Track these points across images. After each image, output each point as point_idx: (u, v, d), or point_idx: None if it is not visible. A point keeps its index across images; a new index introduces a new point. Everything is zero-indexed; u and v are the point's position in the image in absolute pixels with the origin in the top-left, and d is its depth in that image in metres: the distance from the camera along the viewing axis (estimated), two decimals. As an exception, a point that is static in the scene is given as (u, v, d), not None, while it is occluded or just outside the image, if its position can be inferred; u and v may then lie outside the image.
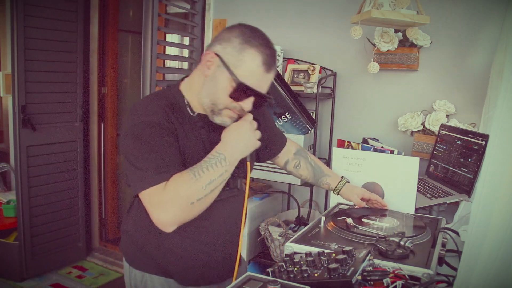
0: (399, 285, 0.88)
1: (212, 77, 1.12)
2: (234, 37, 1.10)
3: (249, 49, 1.08)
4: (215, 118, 1.15)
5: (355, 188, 1.52)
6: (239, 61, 1.08)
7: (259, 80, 1.11)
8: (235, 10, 2.63)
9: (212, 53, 1.11)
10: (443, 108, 2.06)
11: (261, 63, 1.09)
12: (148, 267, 1.24)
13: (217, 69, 1.11)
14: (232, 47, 1.09)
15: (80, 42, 3.08)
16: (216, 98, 1.12)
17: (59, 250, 3.14)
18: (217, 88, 1.11)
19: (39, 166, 2.93)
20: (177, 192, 1.03)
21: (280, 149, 1.49)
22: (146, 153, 1.07)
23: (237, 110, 1.14)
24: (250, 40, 1.09)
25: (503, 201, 0.81)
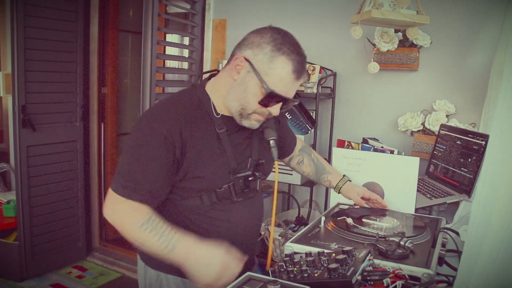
0: (399, 285, 0.88)
1: (241, 82, 1.12)
2: (266, 43, 1.09)
3: (280, 56, 1.08)
4: (243, 121, 1.16)
5: (356, 187, 1.52)
6: (270, 68, 1.08)
7: (289, 87, 1.12)
8: (235, 10, 2.63)
9: (242, 58, 1.11)
10: (443, 108, 2.06)
11: (292, 71, 1.09)
12: (163, 266, 1.22)
13: (247, 74, 1.11)
14: (263, 54, 1.08)
15: (80, 42, 3.08)
16: (245, 103, 1.13)
17: (59, 250, 3.14)
18: (247, 94, 1.11)
19: (39, 166, 2.93)
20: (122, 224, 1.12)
21: (293, 148, 1.52)
22: (132, 159, 1.11)
23: (265, 115, 1.16)
24: (281, 47, 1.08)
25: (503, 201, 0.81)
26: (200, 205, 1.18)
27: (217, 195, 1.17)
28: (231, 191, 1.18)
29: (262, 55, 1.09)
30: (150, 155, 1.10)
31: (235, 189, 1.19)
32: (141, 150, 1.10)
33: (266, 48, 1.08)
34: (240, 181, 1.19)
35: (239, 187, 1.19)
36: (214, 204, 1.19)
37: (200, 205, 1.18)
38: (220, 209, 1.20)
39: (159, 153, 1.09)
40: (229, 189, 1.18)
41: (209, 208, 1.19)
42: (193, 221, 1.20)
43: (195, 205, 1.18)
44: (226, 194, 1.18)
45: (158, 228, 1.08)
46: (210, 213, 1.19)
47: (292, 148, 1.52)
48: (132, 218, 1.10)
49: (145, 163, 1.10)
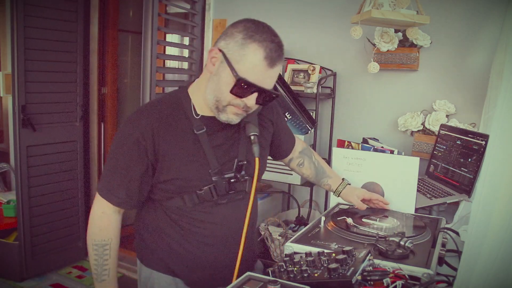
0: (399, 285, 0.88)
1: (216, 73, 1.10)
2: (238, 32, 1.07)
3: (251, 43, 1.05)
4: (220, 115, 1.14)
5: (355, 190, 1.52)
6: (241, 56, 1.06)
7: (262, 76, 1.07)
8: (235, 10, 2.63)
9: (216, 49, 1.10)
10: (443, 108, 2.06)
11: (263, 58, 1.05)
12: (156, 265, 1.25)
13: (220, 64, 1.09)
14: (235, 42, 1.07)
15: (80, 42, 3.08)
16: (219, 94, 1.10)
17: (59, 250, 3.14)
18: (220, 84, 1.09)
19: (39, 166, 2.93)
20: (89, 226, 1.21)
21: (291, 149, 1.50)
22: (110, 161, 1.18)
23: (241, 107, 1.11)
24: (253, 35, 1.06)
25: (503, 201, 0.81)
26: (183, 206, 1.18)
27: (198, 196, 1.17)
28: (212, 193, 1.17)
29: (233, 43, 1.07)
30: (125, 158, 1.14)
31: (217, 191, 1.17)
32: (117, 154, 1.16)
33: (238, 37, 1.07)
34: (223, 183, 1.18)
35: (222, 188, 1.18)
36: (197, 205, 1.18)
37: (183, 206, 1.19)
38: (203, 211, 1.19)
39: (132, 156, 1.13)
40: (210, 191, 1.17)
41: (192, 210, 1.19)
42: (177, 222, 1.21)
43: (178, 206, 1.19)
44: (207, 196, 1.17)
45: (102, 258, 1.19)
46: (193, 214, 1.19)
47: (290, 149, 1.50)
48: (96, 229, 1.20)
49: (120, 166, 1.15)
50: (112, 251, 1.20)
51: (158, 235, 1.24)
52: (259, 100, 1.11)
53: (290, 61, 2.42)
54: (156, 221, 1.24)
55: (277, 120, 1.39)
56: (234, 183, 1.20)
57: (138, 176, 1.15)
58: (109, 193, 1.17)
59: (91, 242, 1.19)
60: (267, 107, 1.33)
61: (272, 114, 1.36)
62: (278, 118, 1.40)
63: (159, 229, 1.24)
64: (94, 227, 1.20)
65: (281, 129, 1.43)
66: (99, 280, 1.20)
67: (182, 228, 1.21)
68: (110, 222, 1.19)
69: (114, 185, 1.16)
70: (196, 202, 1.18)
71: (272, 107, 1.37)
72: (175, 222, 1.21)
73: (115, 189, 1.16)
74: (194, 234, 1.21)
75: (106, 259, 1.19)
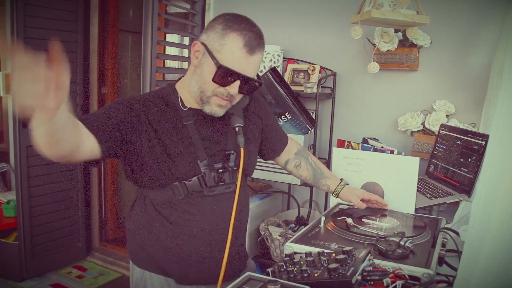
0: (399, 285, 0.88)
1: (199, 65, 1.15)
2: (217, 24, 1.14)
3: (230, 33, 1.11)
4: (205, 107, 1.17)
5: (355, 190, 1.52)
6: (221, 45, 1.11)
7: (242, 63, 1.12)
8: (235, 10, 2.60)
9: (199, 43, 1.15)
10: (443, 108, 2.06)
11: (243, 45, 1.10)
12: (148, 265, 1.25)
13: (203, 56, 1.14)
14: (215, 33, 1.12)
15: (80, 42, 3.08)
16: (203, 85, 1.14)
17: (59, 250, 3.14)
18: (203, 75, 1.13)
19: (39, 166, 2.93)
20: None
21: (282, 148, 1.49)
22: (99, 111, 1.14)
23: (224, 96, 1.15)
24: (232, 25, 1.12)
25: (503, 201, 0.81)
26: (172, 198, 1.19)
27: (187, 187, 1.18)
28: (201, 183, 1.18)
29: (213, 34, 1.13)
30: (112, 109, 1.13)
31: (206, 181, 1.18)
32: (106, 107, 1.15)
33: (218, 28, 1.13)
34: (212, 174, 1.19)
35: (211, 179, 1.19)
36: (186, 198, 1.19)
37: (173, 199, 1.19)
38: (192, 203, 1.20)
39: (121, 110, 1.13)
40: (199, 181, 1.18)
41: (182, 202, 1.19)
42: (167, 217, 1.21)
43: (168, 198, 1.19)
44: (196, 186, 1.18)
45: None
46: (183, 207, 1.20)
47: (282, 148, 1.49)
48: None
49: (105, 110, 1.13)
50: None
51: (149, 232, 1.24)
52: (242, 88, 1.15)
53: (290, 61, 2.42)
54: (147, 218, 1.24)
55: (266, 117, 1.39)
56: (223, 174, 1.21)
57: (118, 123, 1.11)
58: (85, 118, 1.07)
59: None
60: (254, 102, 1.35)
61: (260, 110, 1.37)
62: (267, 115, 1.41)
63: (149, 226, 1.23)
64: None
65: (271, 126, 1.43)
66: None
67: (172, 223, 1.21)
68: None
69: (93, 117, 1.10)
70: (185, 193, 1.18)
71: (260, 103, 1.38)
72: (165, 218, 1.21)
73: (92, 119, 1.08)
74: (184, 228, 1.21)
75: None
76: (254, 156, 1.37)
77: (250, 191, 2.37)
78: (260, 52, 1.15)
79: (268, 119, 1.41)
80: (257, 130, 1.36)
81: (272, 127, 1.43)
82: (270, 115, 1.44)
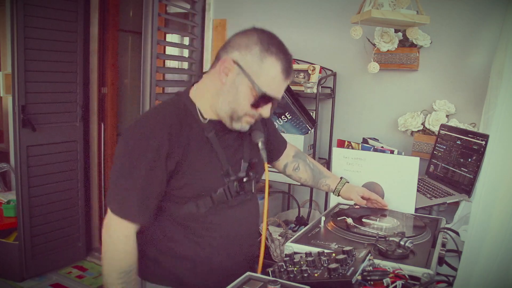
0: (399, 285, 0.88)
1: (231, 85, 1.11)
2: (253, 44, 1.08)
3: (269, 57, 1.08)
4: (234, 124, 1.16)
5: (355, 187, 1.52)
6: (261, 69, 1.08)
7: (279, 87, 1.12)
8: (235, 10, 2.63)
9: (230, 60, 1.09)
10: (443, 108, 2.06)
11: (281, 71, 1.09)
12: (162, 279, 1.21)
13: (236, 76, 1.10)
14: (252, 55, 1.08)
15: (80, 42, 3.08)
16: (236, 106, 1.12)
17: (59, 250, 3.14)
18: (238, 96, 1.11)
19: (39, 166, 2.93)
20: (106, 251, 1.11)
21: (281, 152, 1.50)
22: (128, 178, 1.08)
23: (255, 116, 1.16)
24: (269, 47, 1.08)
25: (503, 201, 0.81)
26: (196, 211, 1.16)
27: (213, 199, 1.16)
28: (227, 194, 1.17)
29: (250, 56, 1.08)
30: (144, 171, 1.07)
31: (231, 192, 1.17)
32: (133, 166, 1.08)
33: (254, 49, 1.08)
34: (235, 184, 1.18)
35: (234, 189, 1.18)
36: (210, 209, 1.17)
37: (196, 212, 1.16)
38: (215, 214, 1.18)
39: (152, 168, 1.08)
40: (224, 193, 1.17)
41: (205, 214, 1.17)
42: (189, 228, 1.18)
43: (191, 212, 1.16)
44: (222, 197, 1.17)
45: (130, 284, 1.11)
46: (206, 218, 1.18)
47: (281, 152, 1.50)
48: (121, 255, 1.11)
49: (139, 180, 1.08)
50: (135, 274, 1.14)
51: (164, 245, 1.20)
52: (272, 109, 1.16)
53: (290, 61, 2.42)
54: (162, 231, 1.20)
55: (268, 123, 1.40)
56: (244, 184, 1.20)
57: (159, 188, 1.11)
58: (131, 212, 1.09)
59: (117, 270, 1.09)
60: None
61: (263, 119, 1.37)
62: (269, 120, 1.41)
63: (166, 239, 1.20)
64: (119, 253, 1.10)
65: (272, 131, 1.44)
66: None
67: (194, 233, 1.18)
68: (133, 244, 1.12)
69: (135, 202, 1.09)
70: (209, 205, 1.16)
71: None
72: (186, 229, 1.18)
73: (137, 207, 1.09)
74: (207, 238, 1.19)
75: (134, 285, 1.12)
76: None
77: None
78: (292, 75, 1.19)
79: (270, 124, 1.42)
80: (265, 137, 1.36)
81: (273, 132, 1.44)
82: (270, 120, 1.44)
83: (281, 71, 1.09)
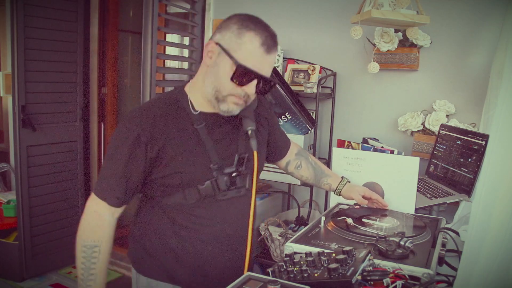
0: (399, 285, 0.88)
1: (214, 65, 1.13)
2: (232, 24, 1.12)
3: (247, 32, 1.09)
4: (220, 106, 1.15)
5: (356, 187, 1.52)
6: (238, 44, 1.09)
7: (260, 62, 1.10)
8: (235, 10, 2.60)
9: (213, 43, 1.13)
10: (443, 108, 2.06)
11: (260, 44, 1.09)
12: (155, 273, 1.23)
13: (218, 56, 1.12)
14: (231, 33, 1.11)
15: (80, 42, 3.08)
16: (219, 84, 1.12)
17: (59, 250, 3.14)
18: (220, 75, 1.11)
19: (39, 166, 2.93)
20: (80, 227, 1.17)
21: (286, 151, 1.49)
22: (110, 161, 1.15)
23: (241, 96, 1.13)
24: (248, 24, 1.11)
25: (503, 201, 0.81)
26: (184, 202, 1.17)
27: (200, 191, 1.16)
28: (214, 187, 1.17)
29: (229, 34, 1.11)
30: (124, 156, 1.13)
31: (219, 185, 1.17)
32: (116, 152, 1.14)
33: (233, 27, 1.11)
34: (224, 178, 1.18)
35: (223, 183, 1.17)
36: (198, 201, 1.17)
37: (184, 203, 1.17)
38: (203, 207, 1.18)
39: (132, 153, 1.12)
40: (212, 186, 1.17)
41: (193, 206, 1.18)
42: (176, 221, 1.19)
43: (179, 202, 1.18)
44: (209, 191, 1.17)
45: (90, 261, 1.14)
46: (194, 211, 1.18)
47: (286, 151, 1.49)
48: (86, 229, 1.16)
49: (119, 164, 1.13)
50: (102, 254, 1.15)
51: (157, 238, 1.22)
52: (258, 88, 1.13)
53: (290, 61, 2.42)
54: (155, 224, 1.22)
55: (272, 119, 1.39)
56: (235, 178, 1.19)
57: (137, 173, 1.14)
58: (106, 192, 1.15)
59: (80, 243, 1.15)
60: (261, 104, 1.35)
61: (267, 112, 1.37)
62: (273, 117, 1.40)
63: (158, 232, 1.22)
64: (84, 227, 1.16)
65: (276, 129, 1.43)
66: (84, 286, 1.14)
67: (183, 227, 1.19)
68: (102, 222, 1.16)
69: (112, 183, 1.14)
70: (197, 197, 1.17)
71: (266, 105, 1.38)
72: (175, 222, 1.19)
73: (112, 188, 1.14)
74: (195, 233, 1.19)
75: (94, 262, 1.14)
76: (264, 160, 1.36)
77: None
78: (276, 52, 1.15)
79: (273, 121, 1.41)
80: (265, 132, 1.35)
81: (276, 130, 1.43)
82: (274, 117, 1.43)
83: (260, 45, 1.09)
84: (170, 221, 1.20)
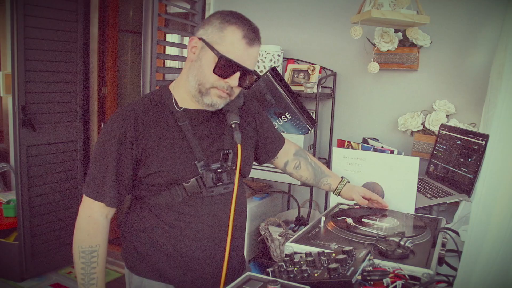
0: (399, 285, 0.88)
1: (197, 59, 1.15)
2: (215, 19, 1.14)
3: (229, 26, 1.12)
4: (204, 99, 1.16)
5: (356, 187, 1.52)
6: (220, 37, 1.11)
7: (242, 55, 1.12)
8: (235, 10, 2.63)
9: (196, 38, 1.15)
10: (443, 108, 2.06)
11: (242, 37, 1.11)
12: (146, 272, 1.23)
13: (201, 51, 1.14)
14: (213, 27, 1.13)
15: (80, 42, 3.08)
16: (202, 77, 1.14)
17: (59, 250, 3.14)
18: (203, 68, 1.13)
19: (39, 166, 2.93)
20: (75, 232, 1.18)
21: (277, 150, 1.47)
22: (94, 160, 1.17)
23: (224, 88, 1.14)
24: (230, 18, 1.13)
25: (503, 201, 0.81)
26: (171, 201, 1.18)
27: (186, 189, 1.16)
28: (200, 184, 1.17)
29: (212, 28, 1.13)
30: (113, 156, 1.13)
31: (204, 182, 1.17)
32: (104, 152, 1.15)
33: (215, 22, 1.13)
34: (210, 174, 1.18)
35: (209, 180, 1.18)
36: (185, 199, 1.18)
37: (171, 202, 1.18)
38: (191, 205, 1.18)
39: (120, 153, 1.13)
40: (197, 182, 1.17)
41: (180, 204, 1.18)
42: (165, 220, 1.19)
43: (166, 202, 1.18)
44: (195, 187, 1.17)
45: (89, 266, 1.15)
46: (181, 209, 1.19)
47: (278, 149, 1.47)
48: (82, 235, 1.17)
49: (109, 165, 1.14)
50: (100, 258, 1.17)
51: (147, 238, 1.22)
52: (241, 81, 1.15)
53: (290, 61, 2.42)
54: (144, 223, 1.22)
55: (260, 118, 1.38)
56: (221, 174, 1.19)
57: (128, 171, 1.15)
58: (100, 193, 1.15)
59: (78, 249, 1.16)
60: (248, 103, 1.35)
61: (254, 111, 1.36)
62: (261, 117, 1.39)
63: (148, 231, 1.22)
64: (81, 233, 1.17)
65: (266, 128, 1.41)
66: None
67: (171, 226, 1.19)
68: (97, 226, 1.17)
69: (106, 184, 1.14)
70: (184, 195, 1.17)
71: (253, 105, 1.37)
72: (163, 221, 1.19)
73: (106, 189, 1.14)
74: (184, 231, 1.19)
75: (93, 267, 1.16)
76: (251, 157, 1.35)
77: (250, 191, 2.38)
78: (258, 45, 1.16)
79: (263, 120, 1.39)
80: (252, 131, 1.34)
81: (266, 129, 1.41)
82: (264, 116, 1.41)
83: (242, 37, 1.11)
84: (159, 220, 1.20)
